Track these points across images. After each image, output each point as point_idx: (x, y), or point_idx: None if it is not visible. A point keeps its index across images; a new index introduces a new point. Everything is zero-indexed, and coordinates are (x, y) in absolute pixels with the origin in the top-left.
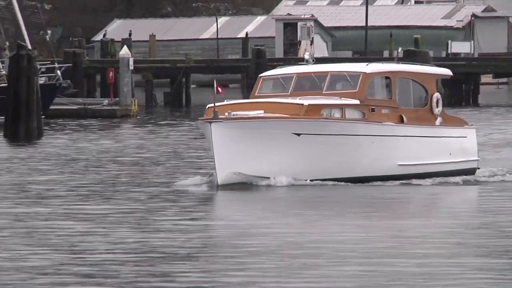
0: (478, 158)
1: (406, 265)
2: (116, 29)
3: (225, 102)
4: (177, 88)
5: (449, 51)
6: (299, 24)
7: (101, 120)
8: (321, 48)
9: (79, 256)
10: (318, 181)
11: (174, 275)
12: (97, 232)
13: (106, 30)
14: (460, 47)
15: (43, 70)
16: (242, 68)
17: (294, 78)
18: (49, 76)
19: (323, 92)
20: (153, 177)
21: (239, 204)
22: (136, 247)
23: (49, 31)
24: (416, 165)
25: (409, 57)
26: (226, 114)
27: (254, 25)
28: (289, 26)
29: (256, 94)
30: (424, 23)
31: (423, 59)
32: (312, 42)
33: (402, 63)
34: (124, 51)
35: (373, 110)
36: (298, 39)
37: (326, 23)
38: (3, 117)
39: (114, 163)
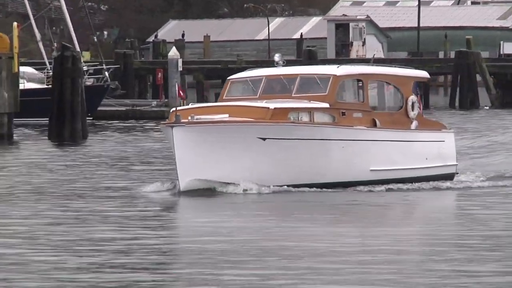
0: (457, 163)
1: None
2: (171, 30)
3: (189, 106)
4: None
5: (501, 52)
6: (351, 25)
7: (148, 122)
8: (376, 49)
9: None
10: (289, 187)
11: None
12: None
13: (157, 31)
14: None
15: (90, 71)
16: None
17: (263, 80)
18: (97, 77)
19: (293, 95)
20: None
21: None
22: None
23: (105, 32)
24: (390, 170)
25: (461, 58)
26: (189, 118)
27: (309, 26)
28: (341, 27)
29: (224, 97)
30: (480, 24)
31: (474, 60)
32: (364, 43)
33: (376, 65)
34: (173, 52)
35: (343, 113)
36: (350, 40)
37: (381, 24)
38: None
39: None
